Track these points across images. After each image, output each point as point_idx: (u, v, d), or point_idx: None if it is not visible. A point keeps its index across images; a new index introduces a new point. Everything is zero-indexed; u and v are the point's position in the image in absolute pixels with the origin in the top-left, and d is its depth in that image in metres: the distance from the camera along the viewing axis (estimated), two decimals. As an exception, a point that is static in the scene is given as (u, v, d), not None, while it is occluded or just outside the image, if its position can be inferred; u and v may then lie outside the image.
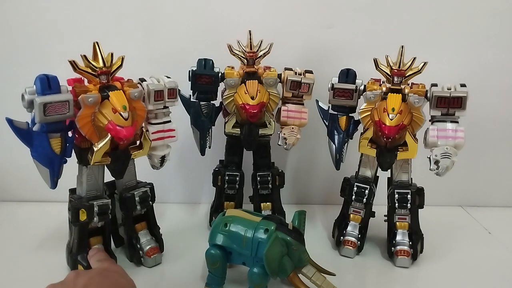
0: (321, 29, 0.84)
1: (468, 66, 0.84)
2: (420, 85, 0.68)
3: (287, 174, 0.80)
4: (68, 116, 0.57)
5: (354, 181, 0.72)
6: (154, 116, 0.66)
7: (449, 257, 0.73)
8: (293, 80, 0.71)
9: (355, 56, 0.76)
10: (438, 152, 0.66)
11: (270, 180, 0.76)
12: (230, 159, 0.78)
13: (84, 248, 0.63)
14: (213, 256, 0.60)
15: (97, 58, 0.59)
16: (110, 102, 0.58)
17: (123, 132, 0.56)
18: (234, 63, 0.73)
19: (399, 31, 0.82)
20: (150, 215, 0.69)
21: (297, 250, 0.56)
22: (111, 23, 0.81)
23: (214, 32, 0.81)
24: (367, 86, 0.69)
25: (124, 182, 0.67)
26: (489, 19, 0.83)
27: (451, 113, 0.66)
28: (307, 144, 0.86)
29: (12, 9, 0.80)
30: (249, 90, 0.70)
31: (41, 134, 0.56)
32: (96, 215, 0.61)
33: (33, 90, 0.55)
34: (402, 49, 0.66)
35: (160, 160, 0.68)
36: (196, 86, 0.72)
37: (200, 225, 0.82)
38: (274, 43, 0.71)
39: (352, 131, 0.72)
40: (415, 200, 0.69)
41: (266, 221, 0.58)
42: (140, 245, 0.67)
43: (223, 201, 0.78)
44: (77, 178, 0.64)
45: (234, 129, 0.74)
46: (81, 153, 0.61)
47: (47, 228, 0.78)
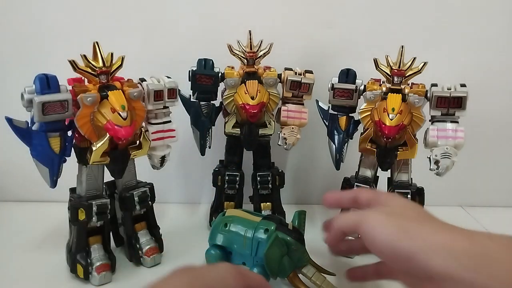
0: (321, 29, 0.84)
1: (468, 66, 0.84)
2: (420, 85, 0.68)
3: (287, 174, 0.79)
4: (67, 116, 0.57)
5: (354, 181, 0.72)
6: (154, 116, 0.66)
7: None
8: (293, 80, 0.71)
9: (355, 56, 0.76)
10: (438, 152, 0.66)
11: (270, 180, 0.76)
12: (230, 159, 0.78)
13: (83, 247, 0.62)
14: (213, 256, 0.60)
15: (97, 58, 0.59)
16: (109, 101, 0.58)
17: (121, 132, 0.56)
18: (234, 63, 0.73)
19: (399, 31, 0.82)
20: (150, 215, 0.69)
21: (297, 250, 0.56)
22: (112, 23, 0.81)
23: (214, 32, 0.81)
24: (367, 86, 0.69)
25: (124, 182, 0.67)
26: (489, 19, 0.83)
27: (451, 113, 0.66)
28: (307, 144, 0.86)
29: (12, 9, 0.80)
30: (249, 90, 0.70)
31: (40, 133, 0.56)
32: (95, 215, 0.61)
33: (32, 89, 0.55)
34: (402, 49, 0.66)
35: (160, 160, 0.68)
36: (196, 86, 0.72)
37: (200, 225, 0.82)
38: (274, 43, 0.71)
39: (352, 131, 0.72)
40: (415, 200, 0.69)
41: (266, 221, 0.58)
42: (140, 245, 0.67)
43: (223, 201, 0.78)
44: (77, 178, 0.64)
45: (234, 129, 0.74)
46: (81, 152, 0.61)
47: (47, 228, 0.78)
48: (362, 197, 0.51)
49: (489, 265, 0.37)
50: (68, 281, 0.63)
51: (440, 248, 0.40)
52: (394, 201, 0.49)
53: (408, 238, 0.41)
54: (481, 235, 0.41)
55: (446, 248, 0.39)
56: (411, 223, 0.43)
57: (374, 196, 0.51)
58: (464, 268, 0.38)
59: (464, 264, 0.38)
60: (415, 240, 0.41)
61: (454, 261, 0.38)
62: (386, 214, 0.45)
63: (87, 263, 0.62)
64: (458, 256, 0.39)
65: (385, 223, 0.44)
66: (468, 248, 0.39)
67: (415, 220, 0.44)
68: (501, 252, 0.38)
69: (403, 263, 0.42)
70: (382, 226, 0.44)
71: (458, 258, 0.38)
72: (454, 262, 0.38)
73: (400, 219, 0.44)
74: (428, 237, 0.41)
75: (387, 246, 0.43)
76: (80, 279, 0.63)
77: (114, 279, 0.64)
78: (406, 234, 0.42)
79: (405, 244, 0.41)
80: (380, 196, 0.50)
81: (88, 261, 0.62)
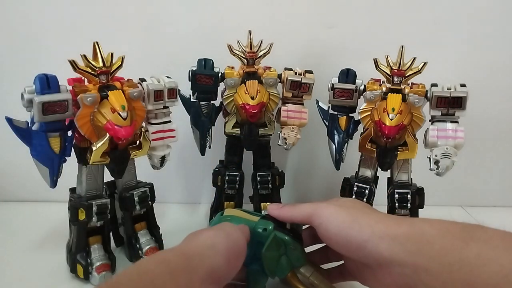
0: (321, 29, 0.84)
1: (468, 66, 0.84)
2: (420, 85, 0.67)
3: (287, 174, 0.79)
4: (67, 116, 0.57)
5: (354, 181, 0.72)
6: (154, 116, 0.66)
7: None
8: (293, 80, 0.71)
9: (355, 56, 0.76)
10: (438, 152, 0.65)
11: (270, 180, 0.76)
12: (230, 159, 0.78)
13: (83, 247, 0.63)
14: (213, 256, 0.59)
15: (97, 58, 0.59)
16: (109, 101, 0.58)
17: (121, 132, 0.57)
18: (234, 63, 0.73)
19: (399, 31, 0.82)
20: (150, 215, 0.69)
21: (295, 249, 0.56)
22: (112, 23, 0.81)
23: (214, 32, 0.82)
24: (367, 86, 0.69)
25: (124, 182, 0.67)
26: (489, 19, 0.83)
27: (451, 113, 0.66)
28: (307, 144, 0.86)
29: (12, 8, 0.80)
30: (249, 90, 0.70)
31: (40, 133, 0.56)
32: (95, 215, 0.61)
33: (32, 90, 0.55)
34: (402, 49, 0.66)
35: (160, 160, 0.68)
36: (196, 86, 0.72)
37: (200, 225, 0.82)
38: (274, 43, 0.71)
39: (352, 131, 0.72)
40: (415, 200, 0.69)
41: (264, 220, 0.58)
42: (140, 245, 0.67)
43: (223, 201, 0.78)
44: (77, 178, 0.64)
45: (234, 129, 0.74)
46: (81, 152, 0.61)
47: (47, 228, 0.78)
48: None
49: (428, 248, 0.41)
50: (68, 281, 0.63)
51: (386, 235, 0.43)
52: (341, 198, 0.55)
53: (358, 227, 0.45)
54: (421, 221, 0.46)
55: (391, 235, 0.43)
56: (359, 214, 0.48)
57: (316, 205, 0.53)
58: (408, 252, 0.42)
59: (407, 249, 0.42)
60: (364, 228, 0.45)
61: (398, 246, 0.42)
62: (337, 206, 0.50)
63: (87, 263, 0.62)
64: (401, 241, 0.42)
65: (337, 213, 0.48)
66: (410, 234, 0.43)
67: (362, 211, 0.49)
68: (437, 236, 0.42)
69: (355, 251, 0.46)
70: (335, 215, 0.48)
71: (402, 243, 0.42)
72: (399, 247, 0.42)
73: (350, 210, 0.49)
74: (375, 225, 0.45)
75: (340, 235, 0.47)
76: (80, 279, 0.63)
77: (114, 279, 0.64)
78: (356, 223, 0.46)
79: (356, 233, 0.45)
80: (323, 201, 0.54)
81: (88, 261, 0.62)
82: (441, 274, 0.40)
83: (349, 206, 0.51)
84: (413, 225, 0.44)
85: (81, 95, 0.57)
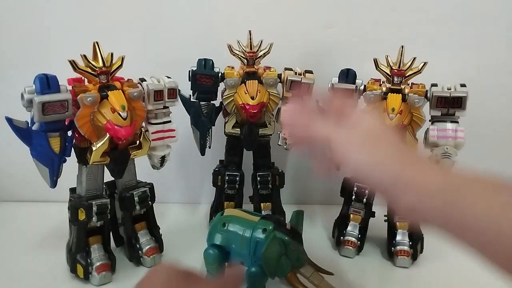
0: (321, 29, 0.83)
1: (468, 66, 0.84)
2: (420, 85, 0.68)
3: (287, 174, 0.79)
4: (67, 116, 0.57)
5: (354, 181, 0.72)
6: (154, 116, 0.66)
7: (449, 257, 0.72)
8: (293, 80, 0.71)
9: (355, 56, 0.76)
10: (438, 152, 0.66)
11: (270, 180, 0.76)
12: (230, 159, 0.78)
13: (83, 247, 0.63)
14: (211, 256, 0.60)
15: (97, 58, 0.59)
16: (109, 101, 0.58)
17: (121, 132, 0.57)
18: (234, 63, 0.73)
19: (399, 31, 0.82)
20: (150, 215, 0.69)
21: (295, 250, 0.56)
22: (112, 23, 0.81)
23: (214, 32, 0.81)
24: (367, 86, 0.69)
25: (124, 182, 0.67)
26: (489, 19, 0.83)
27: (451, 113, 0.66)
28: (307, 144, 0.86)
29: (12, 8, 0.80)
30: (249, 90, 0.70)
31: (40, 133, 0.56)
32: (95, 215, 0.61)
33: (32, 90, 0.55)
34: (402, 49, 0.66)
35: (160, 160, 0.68)
36: (196, 86, 0.72)
37: (200, 225, 0.82)
38: (274, 43, 0.71)
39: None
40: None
41: (264, 220, 0.58)
42: (140, 245, 0.67)
43: (223, 201, 0.78)
44: (77, 178, 0.64)
45: (234, 129, 0.74)
46: (81, 152, 0.61)
47: (47, 228, 0.78)
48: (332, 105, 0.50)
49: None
50: (68, 281, 0.63)
51: (413, 184, 0.39)
52: (365, 122, 0.46)
53: (379, 171, 0.41)
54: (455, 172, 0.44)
55: (419, 185, 0.39)
56: (383, 154, 0.42)
57: (345, 109, 0.48)
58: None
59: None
60: (387, 172, 0.40)
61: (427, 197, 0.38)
62: (361, 137, 0.44)
63: (87, 263, 0.62)
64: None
65: (359, 150, 0.43)
66: (442, 185, 0.39)
67: (386, 147, 0.43)
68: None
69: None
70: (356, 152, 0.43)
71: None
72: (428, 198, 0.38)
73: (373, 145, 0.43)
74: (397, 171, 0.40)
75: (360, 173, 0.43)
76: (80, 279, 0.63)
77: (114, 279, 0.64)
78: (378, 166, 0.41)
79: (377, 175, 0.41)
80: (351, 113, 0.47)
81: (88, 261, 0.62)
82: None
83: (373, 137, 0.44)
84: (447, 175, 0.42)
85: (81, 95, 0.57)
